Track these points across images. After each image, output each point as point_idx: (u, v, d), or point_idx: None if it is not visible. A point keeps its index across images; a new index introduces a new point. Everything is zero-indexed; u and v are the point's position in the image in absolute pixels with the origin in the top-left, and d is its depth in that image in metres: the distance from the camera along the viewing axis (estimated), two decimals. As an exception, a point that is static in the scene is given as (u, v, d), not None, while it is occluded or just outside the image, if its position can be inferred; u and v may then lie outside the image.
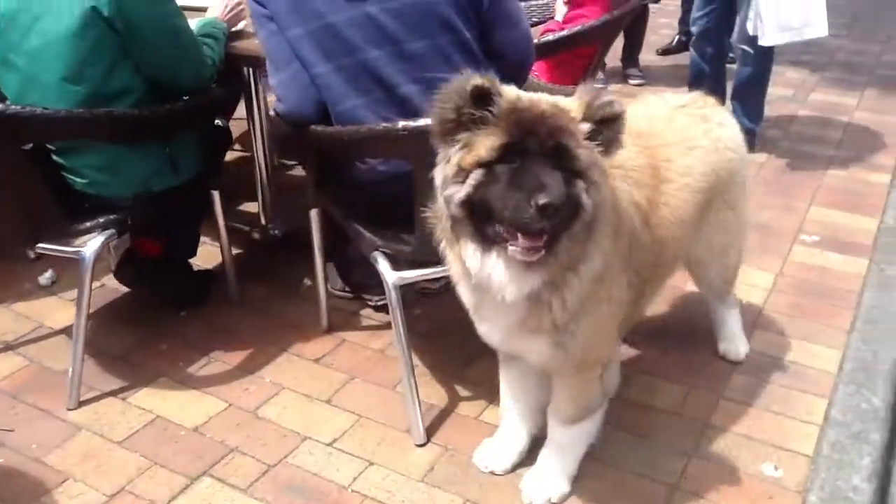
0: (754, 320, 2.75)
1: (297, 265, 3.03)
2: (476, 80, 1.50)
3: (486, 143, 1.51)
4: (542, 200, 1.43)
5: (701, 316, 2.70)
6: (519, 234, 1.50)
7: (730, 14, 4.02)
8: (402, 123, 1.93)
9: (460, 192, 1.54)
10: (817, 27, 3.68)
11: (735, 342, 2.57)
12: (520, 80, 2.29)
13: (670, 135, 2.01)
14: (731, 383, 2.47)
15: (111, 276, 2.89)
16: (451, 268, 1.80)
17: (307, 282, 2.98)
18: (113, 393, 2.46)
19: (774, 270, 3.09)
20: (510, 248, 1.53)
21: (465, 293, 1.83)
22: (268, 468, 2.17)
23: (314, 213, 2.50)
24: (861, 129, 4.52)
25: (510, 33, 2.18)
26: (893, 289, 2.96)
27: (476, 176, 1.52)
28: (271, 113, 2.47)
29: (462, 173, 1.53)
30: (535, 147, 1.49)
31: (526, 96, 1.57)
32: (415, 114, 2.07)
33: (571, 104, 1.58)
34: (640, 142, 1.92)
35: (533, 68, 2.61)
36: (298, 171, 3.58)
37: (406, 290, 2.27)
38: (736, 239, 2.34)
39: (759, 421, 2.32)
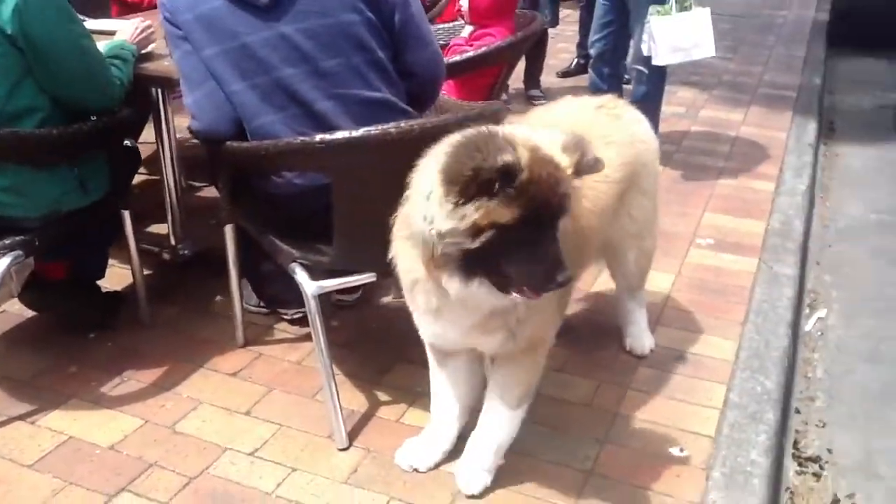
0: (657, 318, 2.90)
1: (208, 284, 3.02)
2: (507, 157, 1.53)
3: (504, 213, 1.57)
4: (561, 278, 1.59)
5: (606, 316, 2.84)
6: (528, 290, 1.63)
7: (625, 37, 4.27)
8: (319, 137, 1.98)
9: (471, 245, 1.59)
10: (705, 48, 3.94)
11: (641, 338, 2.71)
12: (432, 97, 2.38)
13: (591, 131, 2.13)
14: (638, 376, 2.60)
15: (13, 300, 2.82)
16: (410, 276, 1.83)
17: (219, 299, 2.98)
18: (21, 417, 2.39)
19: (673, 271, 3.26)
20: (514, 294, 1.64)
21: (424, 300, 1.86)
22: (189, 480, 2.15)
23: (229, 229, 2.52)
24: (747, 142, 4.83)
25: (422, 53, 2.27)
26: (780, 285, 3.17)
27: (489, 236, 1.58)
28: (184, 133, 2.49)
29: (475, 230, 1.58)
30: (547, 218, 1.61)
31: (535, 157, 1.59)
32: (331, 128, 2.12)
33: (562, 157, 1.64)
34: None
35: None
36: (207, 192, 3.59)
37: (322, 302, 2.30)
38: (651, 224, 2.54)
39: (665, 408, 2.45)
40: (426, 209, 1.63)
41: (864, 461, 2.51)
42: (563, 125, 1.98)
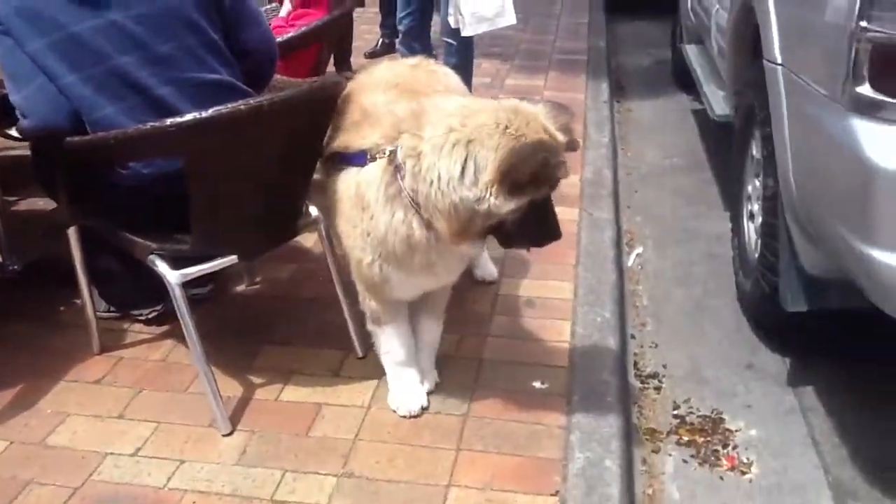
0: (500, 271, 3.13)
1: (50, 295, 2.90)
2: (560, 160, 1.93)
3: (539, 193, 1.92)
4: (558, 234, 2.04)
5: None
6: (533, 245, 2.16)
7: (430, 11, 4.47)
8: (169, 120, 1.99)
9: (509, 218, 1.89)
10: (508, 16, 4.21)
11: (487, 266, 3.03)
12: (268, 75, 2.43)
13: (416, 84, 2.30)
14: (494, 324, 2.81)
15: None
16: (398, 237, 2.04)
17: (65, 308, 2.87)
18: None
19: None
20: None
21: (420, 259, 2.10)
22: (73, 491, 2.10)
23: (73, 232, 2.44)
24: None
25: (255, 31, 2.32)
26: (601, 228, 3.52)
27: (523, 210, 1.90)
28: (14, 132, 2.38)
29: (518, 209, 1.88)
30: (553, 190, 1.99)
31: (560, 146, 1.99)
32: (172, 114, 2.12)
33: (559, 135, 1.98)
34: (399, 90, 2.23)
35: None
36: (23, 205, 3.41)
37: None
38: None
39: (522, 349, 2.68)
40: (469, 192, 1.86)
41: (691, 370, 2.88)
42: (393, 81, 2.26)
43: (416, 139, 1.94)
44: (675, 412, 2.66)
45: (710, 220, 3.87)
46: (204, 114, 1.97)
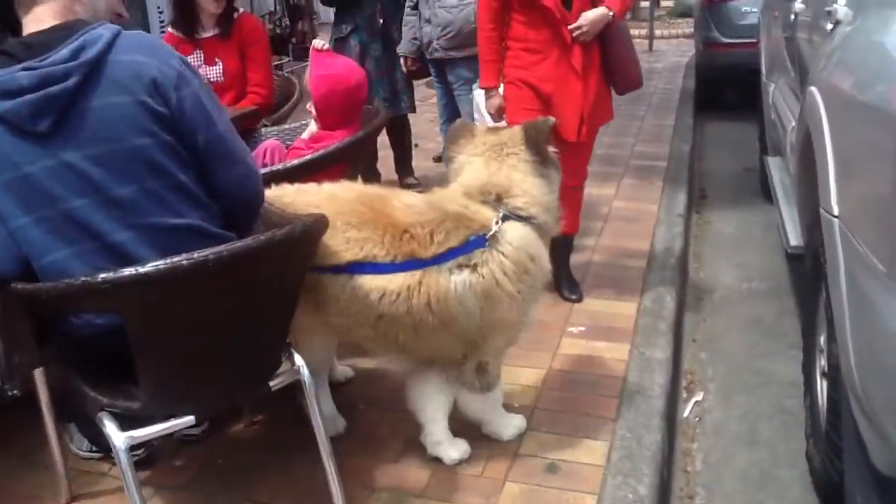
0: (528, 422, 2.74)
1: (39, 426, 2.71)
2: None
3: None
4: None
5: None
6: None
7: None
8: (101, 276, 1.75)
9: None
10: None
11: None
12: (248, 217, 2.19)
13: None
14: (504, 495, 2.41)
15: None
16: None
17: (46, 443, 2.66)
18: None
19: (545, 366, 3.13)
20: None
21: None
22: None
23: (38, 373, 2.26)
24: (620, 217, 4.83)
25: (230, 173, 2.08)
26: (653, 371, 3.08)
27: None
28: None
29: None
30: None
31: None
32: (131, 261, 1.90)
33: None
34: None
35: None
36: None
37: (165, 440, 2.04)
38: None
39: (533, 530, 2.27)
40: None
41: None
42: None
43: (499, 185, 2.36)
44: None
45: (787, 362, 3.36)
46: (141, 269, 1.74)
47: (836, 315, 1.88)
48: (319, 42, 3.25)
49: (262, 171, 2.86)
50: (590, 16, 3.24)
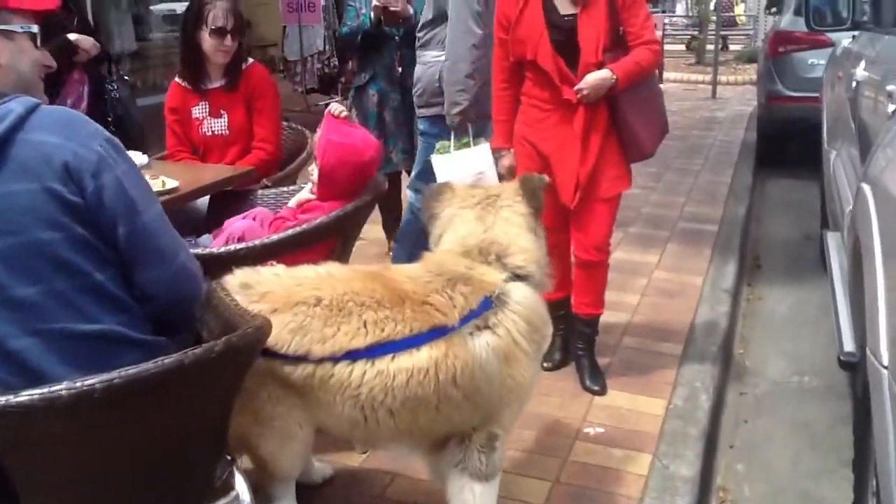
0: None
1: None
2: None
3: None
4: None
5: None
6: None
7: None
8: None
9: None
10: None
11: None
12: (184, 319, 1.89)
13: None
14: None
15: None
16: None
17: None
18: None
19: (551, 477, 2.74)
20: None
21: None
22: None
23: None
24: (659, 290, 4.41)
25: (157, 271, 1.77)
26: (675, 492, 2.66)
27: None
28: None
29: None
30: None
31: None
32: (31, 371, 1.63)
33: None
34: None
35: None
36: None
37: None
38: None
39: None
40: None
41: None
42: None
43: (498, 244, 2.23)
44: None
45: (837, 485, 2.90)
46: (13, 399, 1.43)
47: (883, 483, 1.47)
48: (337, 108, 2.96)
49: (238, 246, 2.58)
50: (590, 79, 2.96)
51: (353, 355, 2.03)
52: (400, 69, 4.18)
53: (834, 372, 3.72)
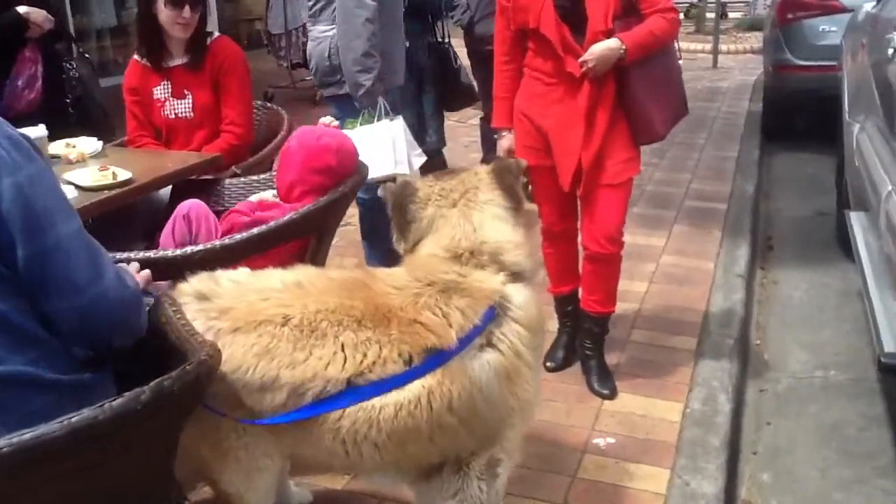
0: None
1: None
2: None
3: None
4: None
5: None
6: None
7: None
8: None
9: None
10: (402, 165, 3.23)
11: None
12: (103, 349, 1.56)
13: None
14: None
15: None
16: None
17: None
18: None
19: (558, 499, 2.45)
20: None
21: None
22: None
23: None
24: (667, 277, 4.10)
25: (67, 302, 1.44)
26: (698, 514, 2.37)
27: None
28: None
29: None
30: None
31: None
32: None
33: None
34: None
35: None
36: None
37: None
38: None
39: None
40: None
41: None
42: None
43: (489, 244, 1.94)
44: None
45: (872, 500, 2.61)
46: None
47: None
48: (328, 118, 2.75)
49: (195, 248, 2.26)
50: (596, 49, 2.64)
51: (324, 406, 1.72)
52: (407, 43, 3.82)
53: (861, 366, 3.45)
